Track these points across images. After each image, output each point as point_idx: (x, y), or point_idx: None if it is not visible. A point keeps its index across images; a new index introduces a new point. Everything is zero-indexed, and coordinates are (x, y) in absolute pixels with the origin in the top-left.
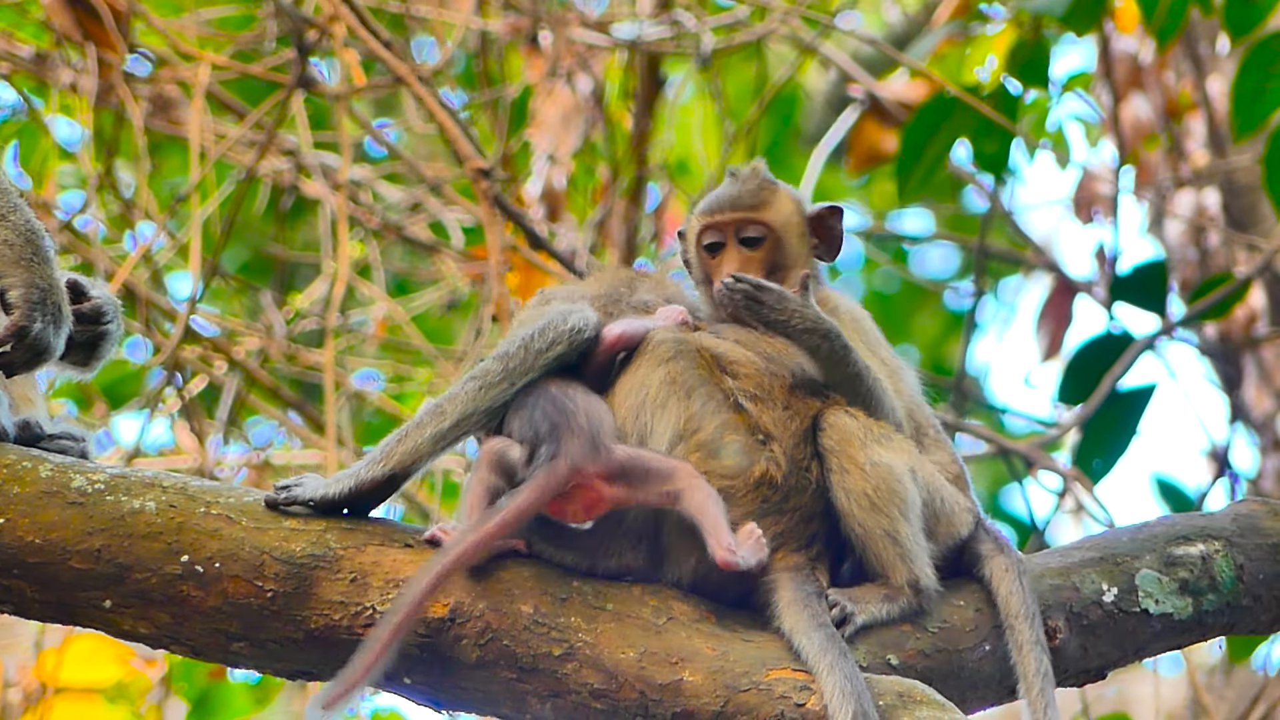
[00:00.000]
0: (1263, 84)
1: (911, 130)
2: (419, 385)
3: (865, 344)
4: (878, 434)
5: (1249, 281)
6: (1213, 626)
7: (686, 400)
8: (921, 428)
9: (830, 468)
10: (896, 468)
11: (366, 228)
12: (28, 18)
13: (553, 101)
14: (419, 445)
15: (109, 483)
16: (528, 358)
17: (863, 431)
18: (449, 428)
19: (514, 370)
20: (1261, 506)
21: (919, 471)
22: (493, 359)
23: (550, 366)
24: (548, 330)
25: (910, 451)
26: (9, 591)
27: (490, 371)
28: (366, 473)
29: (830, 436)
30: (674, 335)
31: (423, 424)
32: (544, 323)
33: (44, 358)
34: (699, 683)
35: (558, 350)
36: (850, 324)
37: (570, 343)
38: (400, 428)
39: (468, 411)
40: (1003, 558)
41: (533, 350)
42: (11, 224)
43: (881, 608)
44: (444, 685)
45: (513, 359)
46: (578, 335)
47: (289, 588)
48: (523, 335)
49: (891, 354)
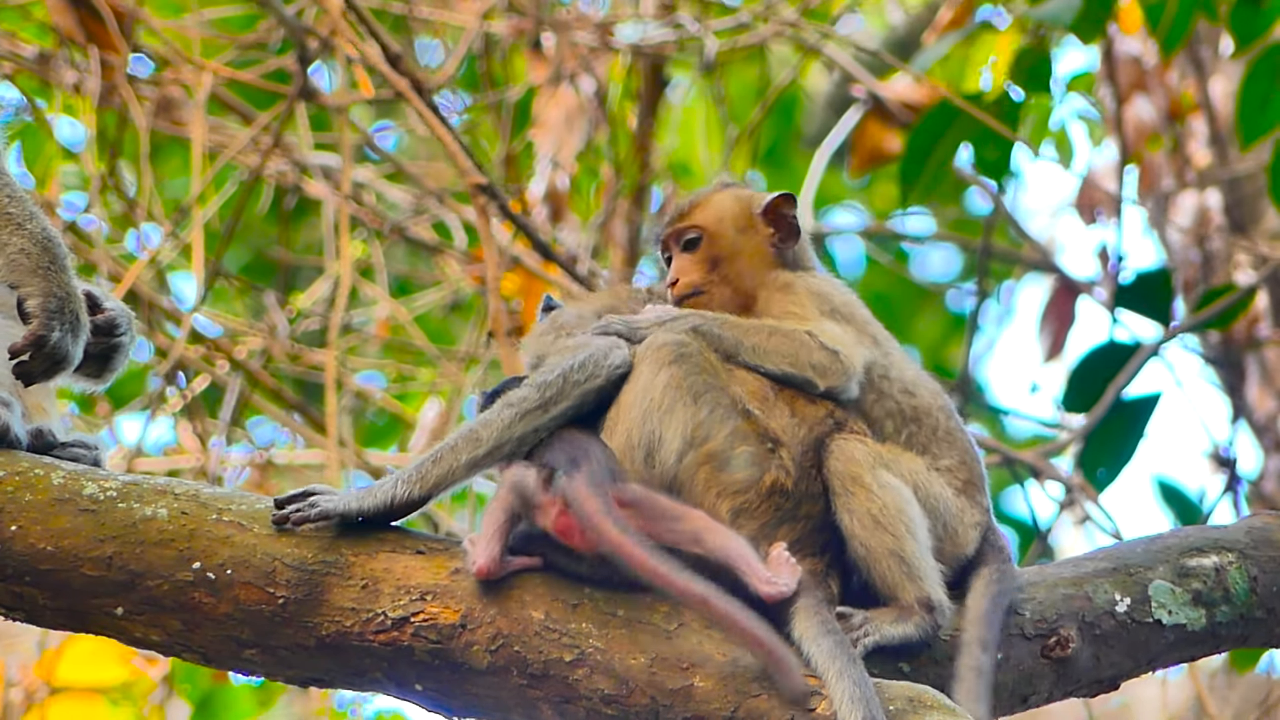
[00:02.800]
0: (1268, 92)
1: (916, 135)
2: (421, 386)
3: (821, 311)
4: (886, 458)
5: (1253, 290)
6: (1226, 638)
7: (693, 406)
8: (930, 426)
9: (835, 490)
10: (902, 490)
11: (369, 228)
12: (31, 19)
13: (556, 103)
14: (454, 469)
15: (121, 490)
16: (565, 388)
17: (870, 457)
18: (484, 454)
19: (550, 400)
20: (1275, 519)
21: (923, 491)
22: (531, 387)
23: (586, 399)
24: (588, 364)
25: (917, 471)
26: (21, 599)
27: (527, 399)
28: (401, 491)
29: (838, 459)
30: (675, 337)
31: (457, 448)
32: (585, 356)
33: (62, 366)
34: (710, 688)
35: (596, 384)
36: (806, 295)
37: (608, 378)
38: (434, 449)
39: (503, 439)
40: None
41: (570, 381)
42: (28, 232)
43: (895, 628)
44: (455, 691)
45: (550, 388)
46: (615, 372)
47: (300, 594)
48: (563, 366)
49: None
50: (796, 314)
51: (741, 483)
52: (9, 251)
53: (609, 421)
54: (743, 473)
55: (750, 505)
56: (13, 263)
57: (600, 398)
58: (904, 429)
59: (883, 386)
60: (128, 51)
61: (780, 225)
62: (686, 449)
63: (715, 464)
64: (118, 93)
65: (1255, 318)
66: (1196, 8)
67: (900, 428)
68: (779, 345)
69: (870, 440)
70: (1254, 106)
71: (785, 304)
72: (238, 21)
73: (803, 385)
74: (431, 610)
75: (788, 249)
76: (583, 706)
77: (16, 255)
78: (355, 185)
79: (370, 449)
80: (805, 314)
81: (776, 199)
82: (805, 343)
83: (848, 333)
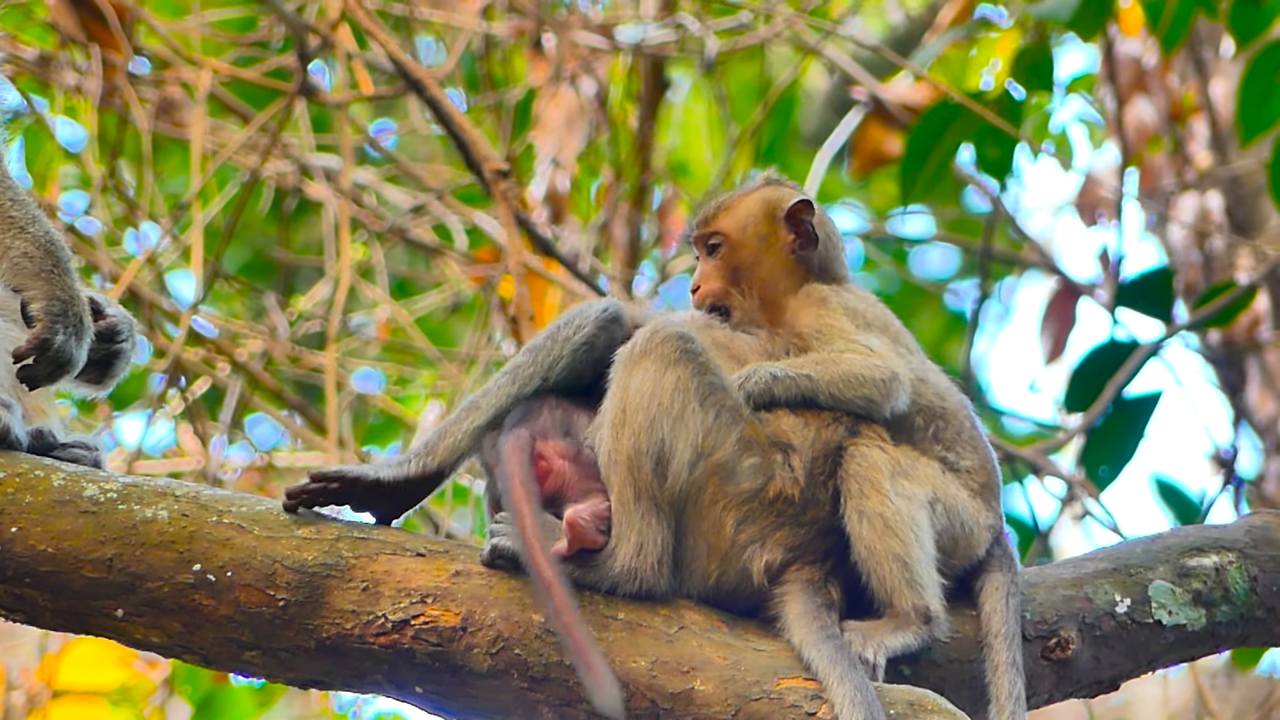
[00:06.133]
0: (1268, 89)
1: (916, 135)
2: (421, 388)
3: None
4: (904, 465)
5: (1254, 289)
6: (1226, 638)
7: (701, 411)
8: (956, 427)
9: (849, 492)
10: (918, 497)
11: (369, 230)
12: (32, 19)
13: (556, 104)
14: (458, 440)
15: (121, 492)
16: (555, 346)
17: (889, 464)
18: (486, 422)
19: (544, 361)
20: (1275, 519)
21: (941, 499)
22: (524, 351)
23: (580, 354)
24: (574, 318)
25: (935, 479)
26: (21, 600)
27: (521, 365)
28: (416, 465)
29: (858, 464)
30: (677, 331)
31: (460, 419)
32: (570, 314)
33: (66, 370)
34: (710, 692)
35: (586, 334)
36: (843, 312)
37: (598, 324)
38: (439, 426)
39: (502, 405)
40: (998, 574)
41: (560, 339)
42: (31, 236)
43: (895, 639)
44: (455, 694)
45: (541, 350)
46: (604, 315)
47: (301, 596)
48: (550, 328)
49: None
50: (833, 328)
51: (747, 493)
52: (12, 255)
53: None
54: (748, 483)
55: (753, 512)
56: (16, 266)
57: (595, 358)
58: (932, 424)
59: (919, 389)
60: (129, 52)
61: (800, 231)
62: (697, 460)
63: (722, 475)
64: (118, 93)
65: (1256, 319)
66: (1196, 6)
67: (929, 422)
68: (844, 378)
69: (889, 446)
70: (1254, 104)
71: (820, 318)
72: (238, 22)
73: (870, 414)
74: (432, 613)
75: (809, 256)
76: (583, 710)
77: (19, 259)
78: (356, 187)
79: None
80: (842, 329)
81: (794, 204)
82: (864, 371)
83: (886, 345)
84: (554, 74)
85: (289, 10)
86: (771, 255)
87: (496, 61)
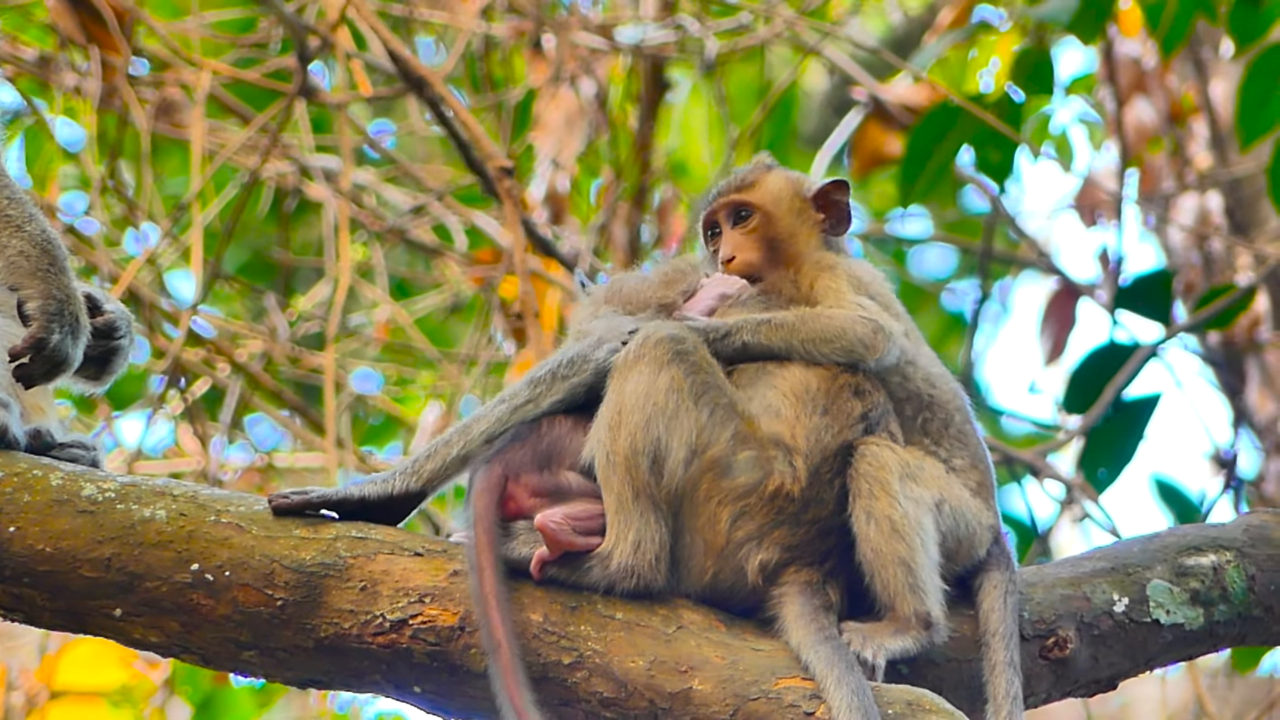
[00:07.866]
0: (1268, 92)
1: (916, 137)
2: (421, 388)
3: (856, 289)
4: (913, 467)
5: (1253, 290)
6: (1224, 637)
7: (695, 410)
8: (943, 419)
9: (858, 492)
10: (926, 501)
11: (369, 230)
12: (32, 20)
13: (556, 105)
14: (447, 463)
15: (119, 491)
16: (554, 383)
17: (900, 465)
18: (476, 448)
19: (540, 395)
20: (1273, 517)
21: (947, 502)
22: (523, 383)
23: (575, 393)
24: (576, 360)
25: (941, 480)
26: (20, 600)
27: (518, 394)
28: (400, 483)
29: (869, 463)
30: (669, 333)
31: (451, 442)
32: (574, 353)
33: (62, 369)
34: (708, 691)
35: (583, 378)
36: (846, 277)
37: (596, 373)
38: (430, 444)
39: (494, 432)
40: (996, 573)
41: (559, 376)
42: (28, 234)
43: (895, 642)
44: (453, 694)
45: (539, 384)
46: (603, 365)
47: (299, 596)
48: (552, 363)
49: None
50: (835, 291)
51: (743, 487)
52: (8, 254)
53: (607, 418)
54: (744, 477)
55: (750, 508)
56: (12, 265)
57: (590, 391)
58: (920, 414)
59: (907, 371)
60: (128, 52)
61: (831, 211)
62: (692, 457)
63: (717, 471)
64: (118, 94)
65: (1256, 320)
66: (1196, 8)
67: (917, 412)
68: (823, 331)
69: (899, 447)
70: (1254, 106)
71: (825, 282)
72: (237, 23)
73: (855, 363)
74: (430, 613)
75: (838, 235)
76: (581, 709)
77: (16, 257)
78: (356, 187)
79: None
80: (844, 292)
81: (830, 184)
82: (846, 323)
83: (879, 309)
84: (554, 75)
85: (289, 11)
86: (804, 230)
87: (496, 62)
